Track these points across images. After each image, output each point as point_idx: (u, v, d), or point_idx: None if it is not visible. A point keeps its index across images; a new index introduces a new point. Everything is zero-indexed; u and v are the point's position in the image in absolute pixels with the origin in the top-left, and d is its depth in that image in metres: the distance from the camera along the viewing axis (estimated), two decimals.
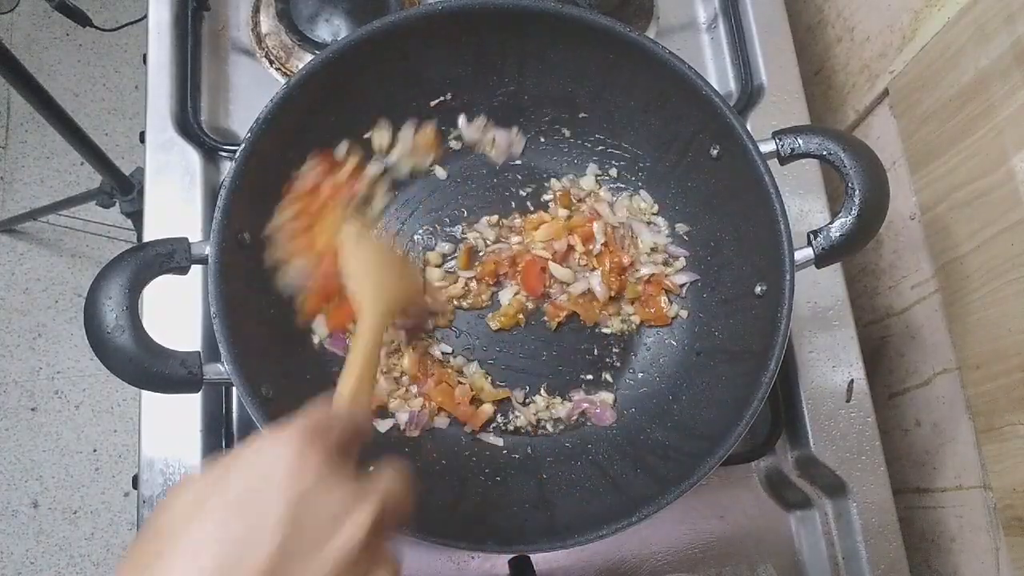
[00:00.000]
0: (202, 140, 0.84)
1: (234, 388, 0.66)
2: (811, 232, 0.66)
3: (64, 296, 1.76)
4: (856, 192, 0.64)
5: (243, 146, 0.65)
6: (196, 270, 0.63)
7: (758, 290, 0.69)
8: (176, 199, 0.83)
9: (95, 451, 1.68)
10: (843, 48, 0.97)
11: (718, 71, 0.97)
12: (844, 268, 0.88)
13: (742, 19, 0.94)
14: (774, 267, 0.66)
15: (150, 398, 0.77)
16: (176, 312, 0.79)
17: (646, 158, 0.81)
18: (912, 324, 0.89)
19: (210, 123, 0.87)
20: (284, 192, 0.69)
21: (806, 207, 0.89)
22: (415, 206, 0.82)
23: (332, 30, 0.90)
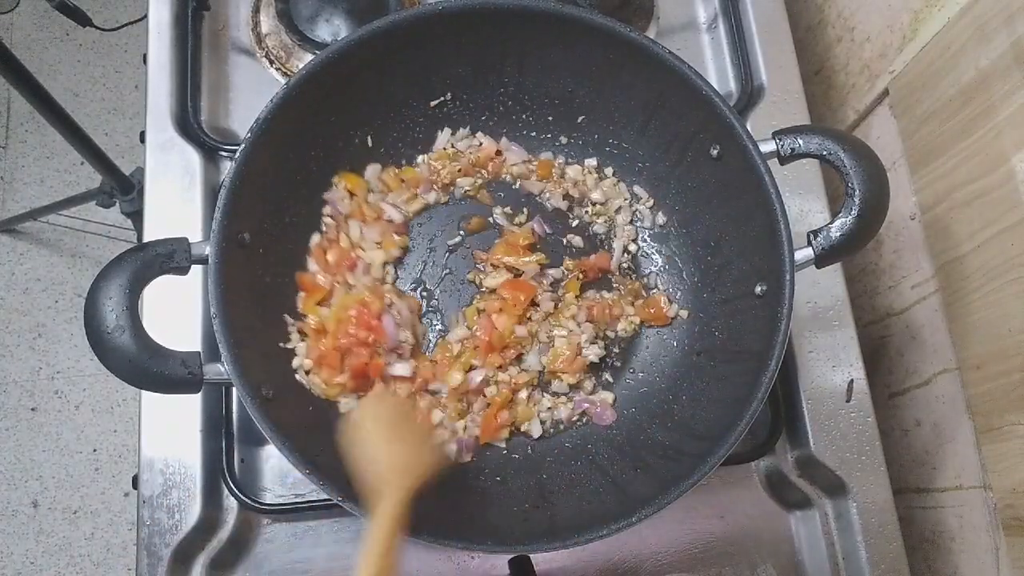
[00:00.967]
0: (202, 140, 0.84)
1: (234, 388, 0.66)
2: (811, 232, 0.66)
3: (64, 296, 1.76)
4: (856, 192, 0.64)
5: (243, 146, 0.65)
6: (196, 270, 0.63)
7: (758, 290, 0.69)
8: (176, 199, 0.83)
9: (95, 451, 1.68)
10: (843, 48, 0.97)
11: (718, 71, 0.97)
12: (844, 268, 0.88)
13: (742, 19, 0.94)
14: (774, 267, 0.66)
15: (150, 398, 0.77)
16: (176, 312, 0.79)
17: (646, 158, 0.81)
18: (912, 324, 0.89)
19: (210, 123, 0.87)
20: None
21: (806, 207, 0.89)
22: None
23: (332, 30, 0.90)
